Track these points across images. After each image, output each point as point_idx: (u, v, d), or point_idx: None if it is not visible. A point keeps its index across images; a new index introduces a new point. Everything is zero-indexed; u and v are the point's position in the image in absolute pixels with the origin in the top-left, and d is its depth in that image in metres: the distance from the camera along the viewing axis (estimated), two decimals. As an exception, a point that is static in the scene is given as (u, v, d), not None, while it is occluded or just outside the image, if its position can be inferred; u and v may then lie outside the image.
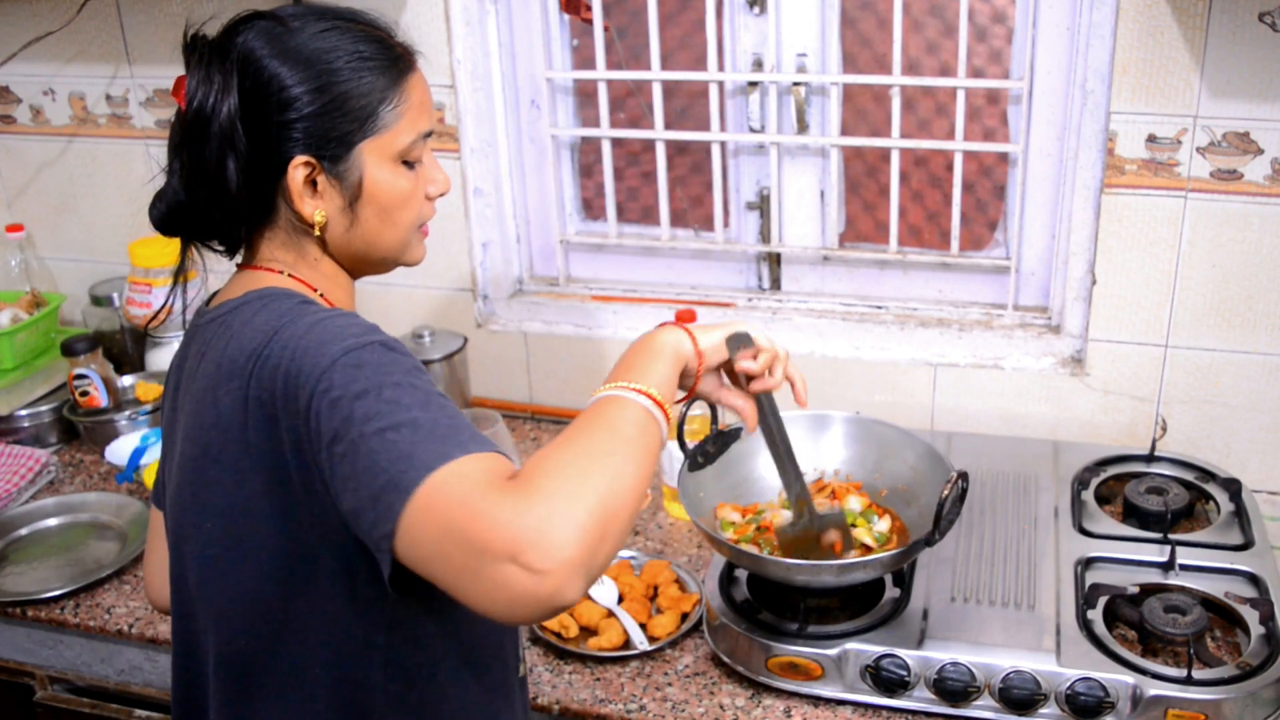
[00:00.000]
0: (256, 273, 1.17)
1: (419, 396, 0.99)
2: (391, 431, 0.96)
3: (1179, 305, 1.79)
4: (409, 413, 0.97)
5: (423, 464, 0.94)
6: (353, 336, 1.03)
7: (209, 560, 1.12)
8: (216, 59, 1.09)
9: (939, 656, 1.41)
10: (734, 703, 1.47)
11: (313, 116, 1.10)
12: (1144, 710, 1.35)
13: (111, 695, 1.79)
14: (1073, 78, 1.78)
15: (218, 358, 1.10)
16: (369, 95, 1.12)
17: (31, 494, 2.02)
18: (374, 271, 1.23)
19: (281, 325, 1.06)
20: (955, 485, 1.40)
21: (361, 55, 1.13)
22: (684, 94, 2.03)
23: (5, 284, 2.40)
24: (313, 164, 1.12)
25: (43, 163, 2.39)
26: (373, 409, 0.97)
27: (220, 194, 1.12)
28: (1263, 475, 1.83)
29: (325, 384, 0.99)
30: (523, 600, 0.90)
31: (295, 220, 1.15)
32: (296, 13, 1.14)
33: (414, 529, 0.94)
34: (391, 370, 1.01)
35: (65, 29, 2.22)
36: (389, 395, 0.98)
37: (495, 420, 1.85)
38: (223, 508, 1.09)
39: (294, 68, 1.10)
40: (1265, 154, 1.68)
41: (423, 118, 1.18)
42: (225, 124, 1.09)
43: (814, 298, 2.06)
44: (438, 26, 2.00)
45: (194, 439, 1.11)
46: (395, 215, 1.17)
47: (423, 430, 0.96)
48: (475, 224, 2.12)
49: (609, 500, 0.95)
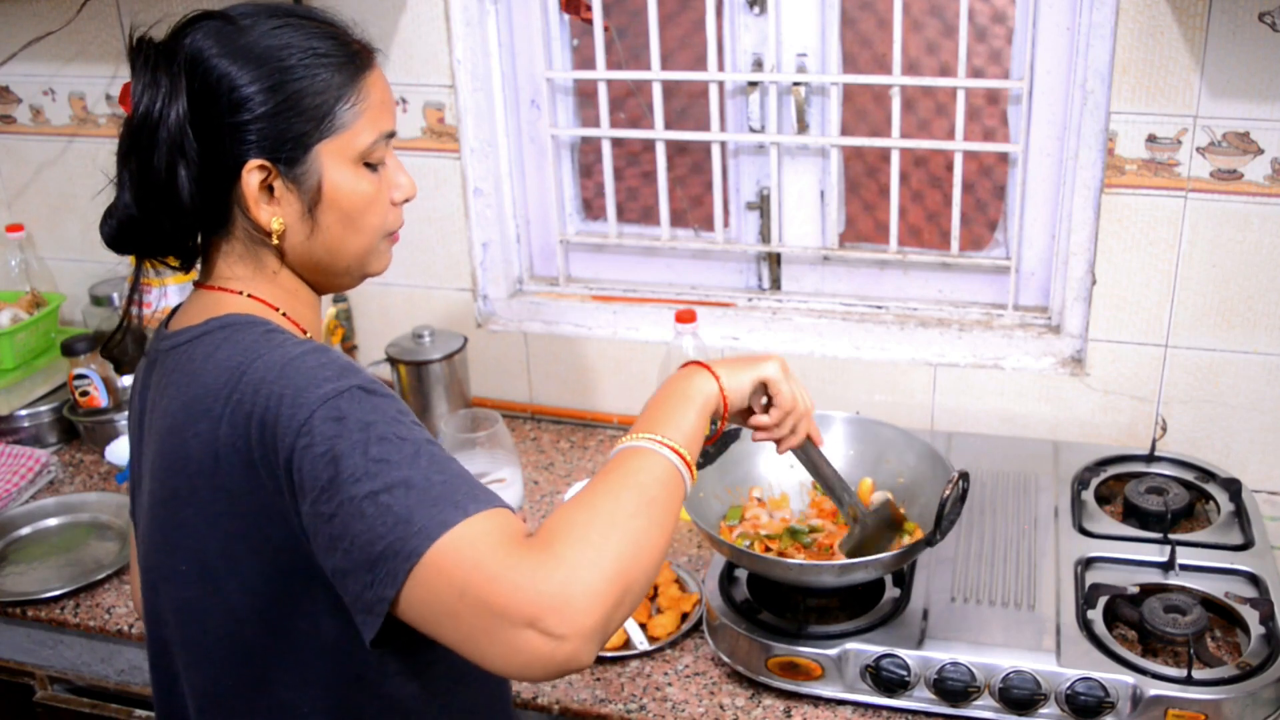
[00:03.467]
0: (214, 294, 1.13)
1: (408, 450, 0.96)
2: (385, 494, 0.93)
3: (1179, 305, 1.79)
4: (400, 471, 0.94)
5: (425, 531, 0.92)
6: (329, 381, 0.99)
7: (187, 603, 1.09)
8: (163, 61, 1.04)
9: (939, 656, 1.41)
10: (734, 703, 1.47)
11: (266, 117, 1.05)
12: (1144, 710, 1.35)
13: (111, 695, 1.79)
14: (1073, 78, 1.78)
15: (183, 397, 1.06)
16: (325, 93, 1.07)
17: (31, 494, 2.02)
18: (339, 285, 1.18)
19: (249, 363, 1.02)
20: (956, 485, 1.40)
21: (316, 52, 1.07)
22: (684, 94, 2.03)
23: (5, 284, 2.40)
24: (268, 168, 1.06)
25: (43, 163, 2.39)
26: (361, 468, 0.94)
27: (172, 204, 1.06)
28: (1263, 475, 1.83)
29: (306, 439, 0.96)
30: (539, 664, 0.90)
31: (252, 229, 1.10)
32: (247, 11, 1.08)
33: (420, 593, 0.92)
34: (375, 421, 0.97)
35: (65, 29, 2.22)
36: (376, 453, 0.95)
37: (495, 420, 1.85)
38: (196, 550, 1.06)
39: (245, 67, 1.05)
40: (1265, 154, 1.68)
41: (384, 117, 1.13)
42: (174, 129, 1.03)
43: (814, 298, 2.06)
44: (438, 26, 2.00)
45: (162, 480, 1.08)
46: (358, 220, 1.12)
47: (416, 491, 0.94)
48: (475, 224, 2.12)
49: (630, 565, 0.94)
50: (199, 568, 1.06)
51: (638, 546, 0.96)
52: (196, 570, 1.07)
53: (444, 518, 0.93)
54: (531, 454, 2.08)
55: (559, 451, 2.09)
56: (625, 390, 2.13)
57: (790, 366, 1.26)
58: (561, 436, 2.14)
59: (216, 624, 1.08)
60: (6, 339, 2.21)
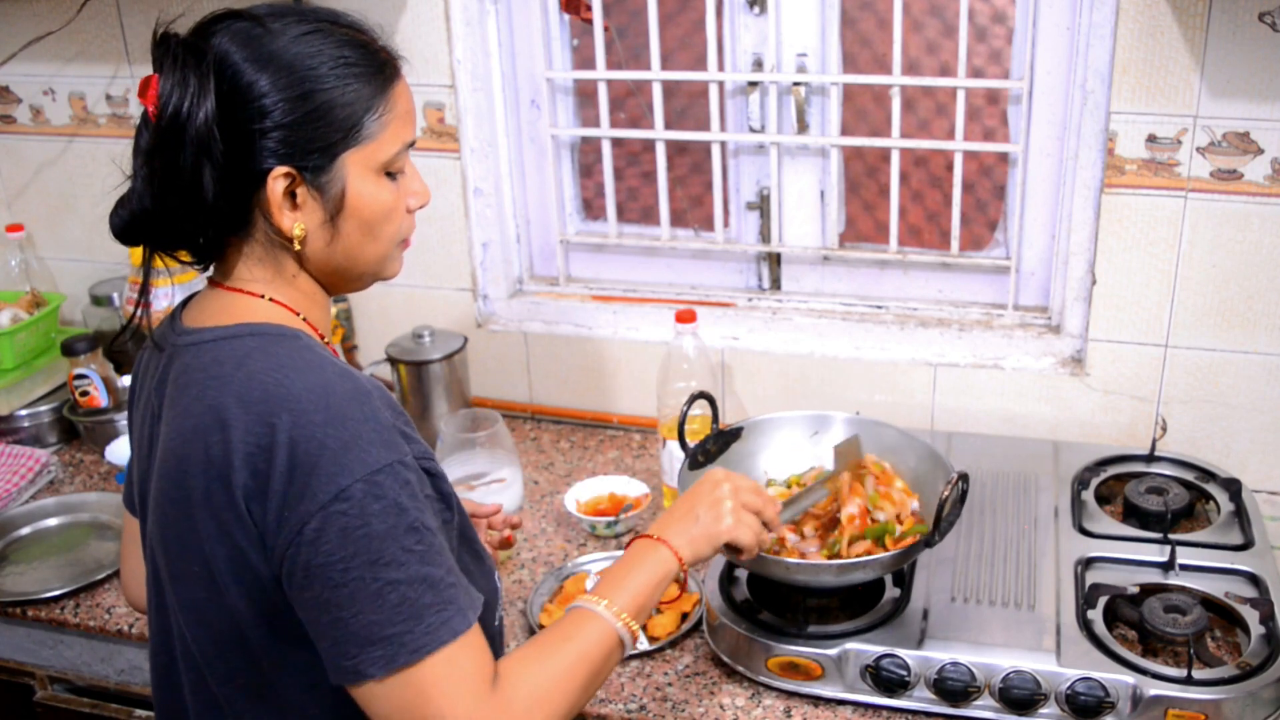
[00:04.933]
0: (233, 294, 1.13)
1: (430, 541, 1.03)
2: (406, 586, 1.00)
3: (1179, 305, 1.79)
4: (424, 567, 1.02)
5: (434, 635, 1.01)
6: (373, 448, 1.02)
7: (196, 603, 1.10)
8: (192, 60, 1.03)
9: (939, 656, 1.41)
10: (734, 703, 1.47)
11: (294, 126, 1.05)
12: (1144, 710, 1.35)
13: (111, 695, 1.79)
14: (1073, 78, 1.78)
15: (208, 399, 1.05)
16: (354, 104, 1.07)
17: (31, 494, 2.02)
18: (351, 288, 1.19)
19: (287, 386, 1.03)
20: (955, 486, 1.40)
21: (346, 61, 1.07)
22: (684, 94, 2.03)
23: (5, 284, 2.40)
24: (293, 175, 1.06)
25: (43, 163, 2.39)
26: (390, 554, 1.00)
27: (194, 204, 1.06)
28: (1263, 475, 1.83)
29: (341, 505, 0.99)
30: None
31: (273, 233, 1.10)
32: (274, 12, 1.08)
33: (397, 691, 1.01)
34: (408, 507, 1.02)
35: (65, 29, 2.22)
36: (408, 543, 1.01)
37: (495, 420, 1.85)
38: (206, 554, 1.06)
39: (274, 74, 1.04)
40: (1265, 154, 1.68)
41: (407, 127, 1.13)
42: (202, 130, 1.03)
43: (814, 298, 2.06)
44: (438, 26, 2.00)
45: (176, 479, 1.07)
46: (377, 229, 1.12)
47: (435, 590, 1.02)
48: (475, 224, 2.12)
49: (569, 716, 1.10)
50: (208, 570, 1.07)
51: (579, 702, 1.11)
52: (206, 573, 1.07)
53: (452, 626, 1.02)
54: (531, 454, 2.08)
55: (559, 451, 2.09)
56: (625, 390, 2.13)
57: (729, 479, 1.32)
58: (561, 436, 2.14)
59: (224, 626, 1.08)
60: (6, 339, 2.21)
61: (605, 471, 2.00)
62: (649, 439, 2.10)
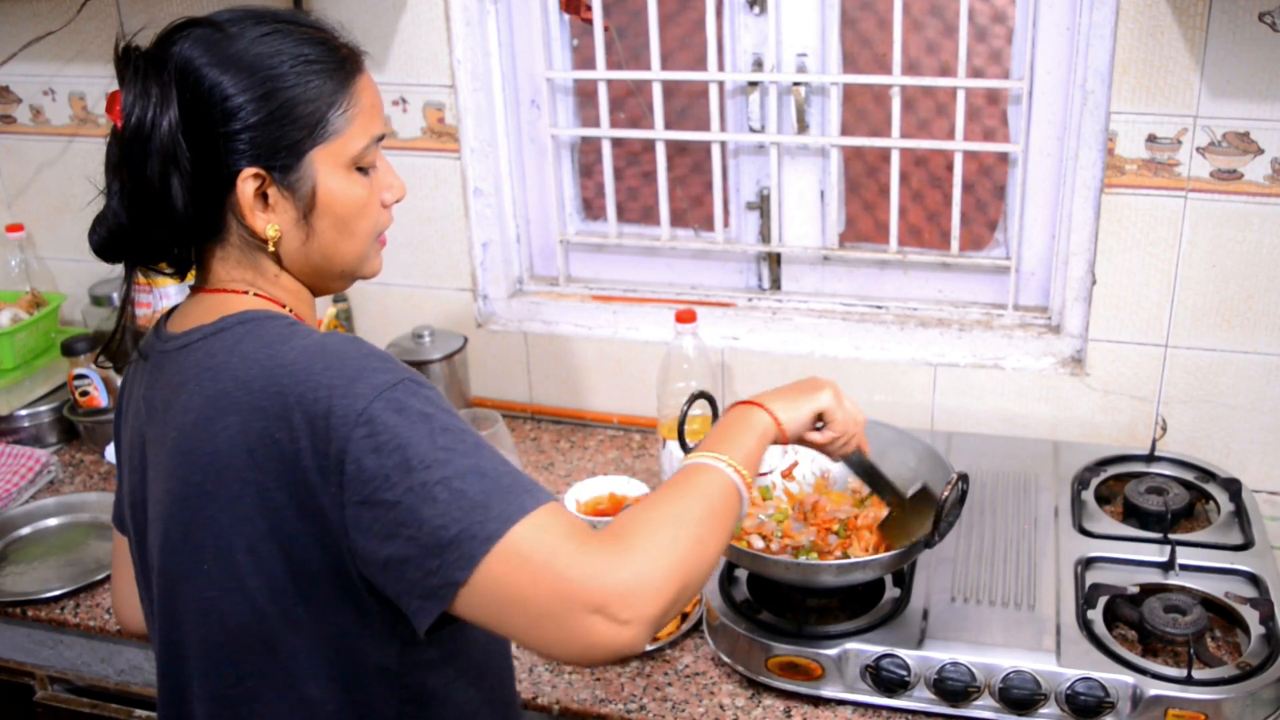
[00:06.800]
0: (218, 295, 1.13)
1: (470, 441, 1.00)
2: (458, 480, 0.96)
3: (1179, 305, 1.79)
4: (469, 459, 0.98)
5: (502, 515, 0.96)
6: (379, 373, 1.01)
7: (208, 603, 1.09)
8: (153, 71, 1.04)
9: (939, 656, 1.41)
10: (734, 703, 1.47)
11: (259, 126, 1.05)
12: (1144, 710, 1.35)
13: (111, 695, 1.79)
14: (1073, 78, 1.78)
15: (207, 391, 1.05)
16: (317, 100, 1.08)
17: (31, 494, 2.02)
18: (332, 288, 1.19)
19: (281, 355, 1.03)
20: (955, 487, 1.40)
21: (306, 59, 1.07)
22: (684, 94, 2.03)
23: (5, 284, 2.40)
24: (263, 176, 1.07)
25: (43, 163, 2.39)
26: (430, 455, 0.97)
27: (166, 214, 1.06)
28: (1263, 475, 1.83)
29: (365, 428, 0.97)
30: (599, 648, 0.95)
31: (248, 236, 1.10)
32: (234, 17, 1.08)
33: (491, 578, 0.95)
34: (434, 413, 1.00)
35: (65, 29, 2.22)
36: (443, 441, 0.98)
37: (495, 420, 1.85)
38: (221, 548, 1.06)
39: (236, 75, 1.05)
40: (1265, 154, 1.68)
41: (374, 121, 1.13)
42: (166, 139, 1.03)
43: (814, 298, 2.06)
44: (438, 26, 2.00)
45: (182, 476, 1.07)
46: (353, 225, 1.13)
47: (489, 479, 0.97)
48: (475, 224, 2.12)
49: (690, 564, 1.00)
50: (222, 565, 1.06)
51: (699, 547, 1.02)
52: (220, 568, 1.06)
53: (520, 503, 0.97)
54: (531, 454, 2.08)
55: (559, 451, 2.09)
56: (625, 390, 2.13)
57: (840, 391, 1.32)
58: (561, 436, 2.14)
59: (239, 622, 1.08)
60: (6, 339, 2.21)
61: (605, 471, 2.00)
62: (649, 439, 2.10)
